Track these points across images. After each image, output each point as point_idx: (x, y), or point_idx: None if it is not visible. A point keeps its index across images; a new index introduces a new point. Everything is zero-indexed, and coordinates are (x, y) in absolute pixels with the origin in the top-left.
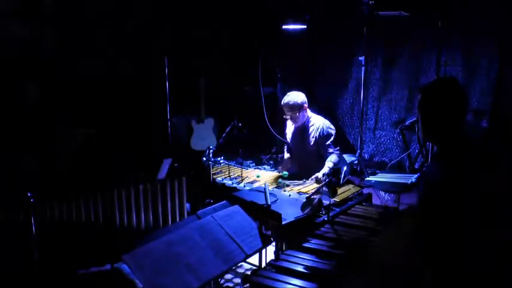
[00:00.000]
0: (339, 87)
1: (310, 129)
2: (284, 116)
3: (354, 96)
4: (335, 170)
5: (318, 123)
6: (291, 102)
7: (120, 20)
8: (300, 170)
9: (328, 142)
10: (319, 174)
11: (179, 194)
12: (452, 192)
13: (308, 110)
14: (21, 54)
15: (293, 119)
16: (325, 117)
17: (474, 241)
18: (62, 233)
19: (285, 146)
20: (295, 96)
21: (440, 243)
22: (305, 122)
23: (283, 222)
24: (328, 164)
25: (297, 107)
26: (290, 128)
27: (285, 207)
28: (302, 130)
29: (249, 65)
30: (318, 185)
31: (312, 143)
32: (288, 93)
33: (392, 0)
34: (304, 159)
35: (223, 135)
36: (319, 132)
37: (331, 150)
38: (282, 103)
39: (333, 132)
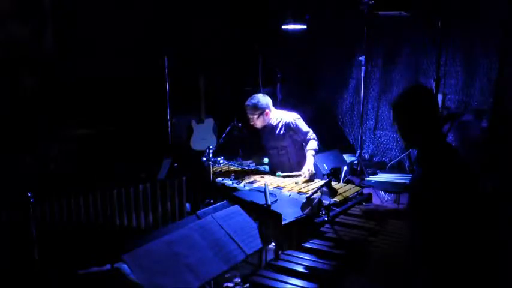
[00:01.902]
0: (339, 87)
1: (279, 126)
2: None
3: (354, 96)
4: (335, 170)
5: (285, 118)
6: (251, 104)
7: (120, 20)
8: (278, 167)
9: (304, 131)
10: (308, 167)
11: (179, 194)
12: (445, 193)
13: (274, 109)
14: (21, 54)
15: (252, 121)
16: (325, 117)
17: (473, 241)
18: (62, 233)
19: None
20: (258, 99)
21: (439, 243)
22: (272, 121)
23: (283, 222)
24: (311, 152)
25: (257, 110)
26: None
27: (285, 207)
28: (270, 128)
29: (249, 65)
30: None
31: (283, 138)
32: (253, 95)
33: (392, 0)
34: (280, 156)
35: (223, 135)
36: (287, 127)
37: (308, 136)
38: (245, 103)
39: (301, 120)
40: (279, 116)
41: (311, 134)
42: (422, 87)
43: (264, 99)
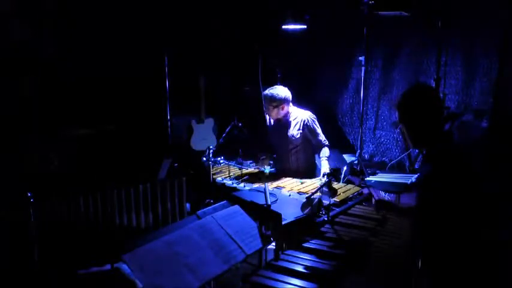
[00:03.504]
0: (339, 87)
1: (293, 123)
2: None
3: (354, 96)
4: (335, 170)
5: (301, 116)
6: (269, 95)
7: (120, 19)
8: (285, 167)
9: (319, 132)
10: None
11: (179, 194)
12: (448, 193)
13: (291, 105)
14: (21, 55)
15: (268, 111)
16: (325, 117)
17: (474, 241)
18: (62, 233)
19: None
20: (278, 91)
21: (439, 243)
22: (286, 116)
23: (283, 222)
24: (324, 159)
25: (273, 102)
26: (269, 122)
27: (285, 207)
28: (283, 125)
29: (249, 65)
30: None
31: (297, 136)
32: (275, 86)
33: (392, 0)
34: (290, 156)
35: (223, 135)
36: (305, 125)
37: (322, 142)
38: (263, 93)
39: (316, 121)
40: (296, 114)
41: (325, 140)
42: (426, 85)
43: (283, 92)
